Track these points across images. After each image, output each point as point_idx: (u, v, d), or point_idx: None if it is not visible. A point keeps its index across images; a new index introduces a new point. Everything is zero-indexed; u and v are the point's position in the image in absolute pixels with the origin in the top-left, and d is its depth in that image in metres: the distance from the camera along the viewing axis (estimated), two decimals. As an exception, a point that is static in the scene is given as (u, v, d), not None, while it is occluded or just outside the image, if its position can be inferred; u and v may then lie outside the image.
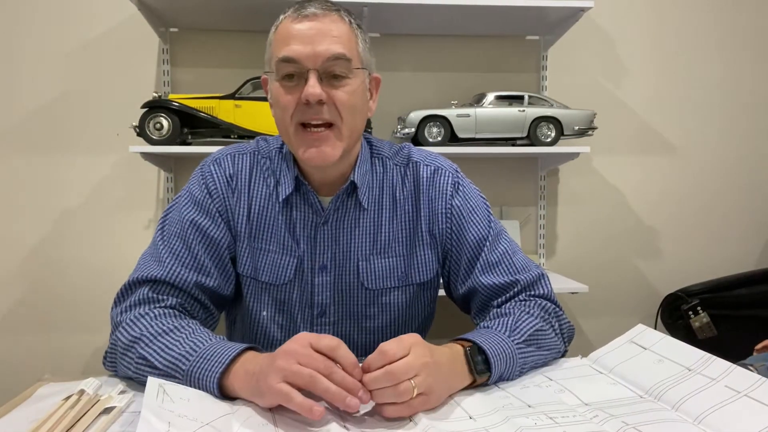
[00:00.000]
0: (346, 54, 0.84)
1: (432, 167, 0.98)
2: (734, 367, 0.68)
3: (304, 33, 0.84)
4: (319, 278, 0.95)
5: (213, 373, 0.70)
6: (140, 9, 1.70)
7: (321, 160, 0.86)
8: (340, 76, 0.85)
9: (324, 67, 0.84)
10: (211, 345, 0.74)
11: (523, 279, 0.93)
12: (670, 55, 2.13)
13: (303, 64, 0.83)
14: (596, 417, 0.63)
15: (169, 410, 0.61)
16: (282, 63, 0.85)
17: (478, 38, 2.05)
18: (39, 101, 1.89)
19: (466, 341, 0.78)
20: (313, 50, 0.83)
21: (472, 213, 0.96)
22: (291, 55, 0.83)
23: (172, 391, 0.66)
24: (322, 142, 0.86)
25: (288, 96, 0.85)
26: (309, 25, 0.84)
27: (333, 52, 0.83)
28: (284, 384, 0.63)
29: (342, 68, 0.85)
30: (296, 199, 0.95)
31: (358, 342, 0.99)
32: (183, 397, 0.66)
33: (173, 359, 0.73)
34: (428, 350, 0.69)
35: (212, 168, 0.95)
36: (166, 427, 0.57)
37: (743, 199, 2.19)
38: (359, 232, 0.95)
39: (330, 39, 0.84)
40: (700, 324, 1.90)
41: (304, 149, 0.86)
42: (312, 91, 0.82)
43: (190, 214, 0.92)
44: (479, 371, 0.74)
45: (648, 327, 0.83)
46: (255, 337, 0.99)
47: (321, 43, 0.83)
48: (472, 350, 0.76)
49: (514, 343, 0.79)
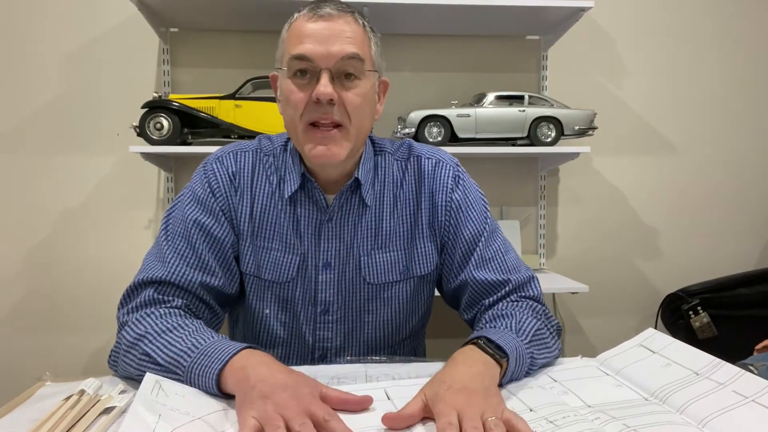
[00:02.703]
0: (359, 54, 0.85)
1: (434, 160, 0.99)
2: (743, 372, 0.67)
3: (318, 32, 0.84)
4: (322, 275, 0.95)
5: (212, 369, 0.69)
6: (140, 9, 1.70)
7: (327, 159, 0.87)
8: (352, 77, 0.86)
9: (337, 66, 0.84)
10: (212, 342, 0.74)
11: (515, 279, 0.93)
12: (670, 55, 2.13)
13: (316, 62, 0.84)
14: (598, 419, 0.63)
15: (162, 404, 0.61)
16: (295, 60, 0.85)
17: (478, 38, 2.05)
18: (39, 101, 1.89)
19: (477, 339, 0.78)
20: (327, 50, 0.84)
21: (471, 207, 0.97)
22: (305, 53, 0.84)
23: (167, 387, 0.66)
24: (330, 140, 0.86)
25: (299, 94, 0.86)
26: (324, 24, 0.85)
27: (347, 52, 0.84)
28: (254, 421, 0.60)
29: (355, 68, 0.86)
30: (301, 196, 0.95)
31: (360, 337, 0.99)
32: (178, 393, 0.66)
33: (175, 355, 0.73)
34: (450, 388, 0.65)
35: (215, 166, 0.96)
36: (155, 419, 0.57)
37: (743, 198, 2.19)
38: (362, 228, 0.96)
39: (344, 39, 0.85)
40: (701, 324, 1.90)
41: (311, 146, 0.87)
42: (323, 90, 0.83)
43: (194, 214, 0.92)
44: (499, 355, 0.73)
45: (657, 331, 0.82)
46: (258, 335, 1.00)
47: (335, 43, 0.84)
48: (485, 342, 0.75)
49: (522, 342, 0.79)
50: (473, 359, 0.72)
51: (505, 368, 0.73)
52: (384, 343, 1.01)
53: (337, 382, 0.75)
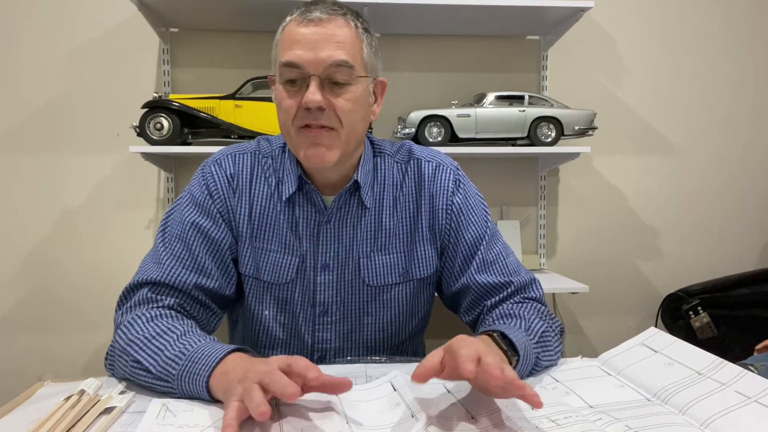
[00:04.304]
0: (348, 61, 0.85)
1: (434, 164, 0.99)
2: (745, 372, 0.67)
3: (308, 38, 0.84)
4: (321, 277, 0.95)
5: (201, 377, 0.69)
6: (140, 9, 1.70)
7: (319, 162, 0.87)
8: (342, 84, 0.85)
9: (326, 73, 0.84)
10: (200, 347, 0.73)
11: (517, 281, 0.94)
12: (670, 55, 2.13)
13: (305, 69, 0.84)
14: (600, 420, 0.63)
15: (170, 424, 0.61)
16: (285, 67, 0.85)
17: (478, 38, 2.05)
18: (39, 101, 1.89)
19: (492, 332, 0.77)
20: (315, 56, 0.83)
21: (471, 211, 0.98)
22: (294, 60, 0.84)
23: (174, 407, 0.67)
24: (321, 142, 0.86)
25: (290, 100, 0.86)
26: (313, 30, 0.84)
27: (335, 59, 0.84)
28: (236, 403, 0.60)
29: (344, 75, 0.85)
30: (299, 198, 0.95)
31: (360, 339, 0.99)
32: (186, 410, 0.66)
33: (164, 363, 0.73)
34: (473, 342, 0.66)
35: (213, 168, 0.96)
36: None
37: (743, 199, 2.19)
38: (361, 229, 0.96)
39: (333, 45, 0.84)
40: (701, 324, 1.90)
41: (304, 150, 0.87)
42: (312, 98, 0.83)
43: (191, 216, 0.92)
44: (510, 353, 0.73)
45: (660, 330, 0.82)
46: (257, 337, 0.99)
47: (324, 49, 0.83)
48: (500, 336, 0.75)
49: (531, 342, 0.79)
50: (491, 346, 0.72)
51: (513, 366, 0.73)
52: (383, 345, 1.01)
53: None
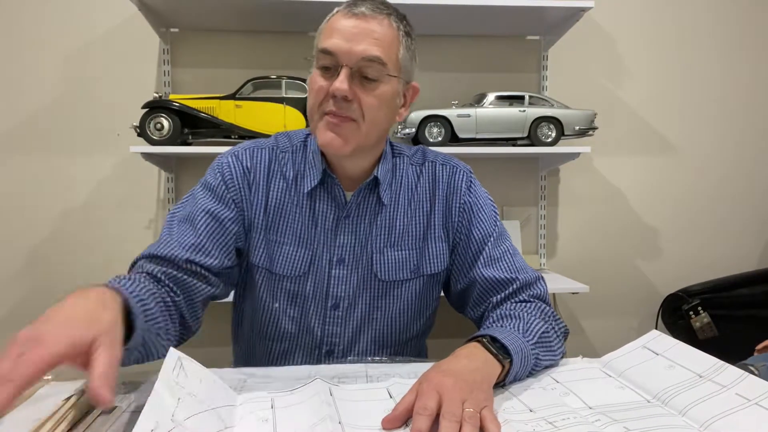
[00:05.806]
0: (381, 58, 0.86)
1: (449, 166, 1.03)
2: (746, 375, 0.66)
3: (348, 29, 0.86)
4: (336, 270, 0.97)
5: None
6: (141, 9, 1.70)
7: (333, 150, 0.89)
8: (372, 79, 0.87)
9: (358, 65, 0.86)
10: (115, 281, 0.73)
11: (522, 278, 0.95)
12: (670, 55, 2.13)
13: (338, 58, 0.86)
14: (598, 421, 0.63)
15: (182, 386, 0.62)
16: (321, 54, 0.88)
17: (478, 38, 2.05)
18: (39, 101, 1.89)
19: (482, 337, 0.77)
20: (350, 48, 0.85)
21: (482, 211, 1.01)
22: (330, 48, 0.86)
23: (188, 366, 0.66)
24: (339, 131, 0.88)
25: (320, 85, 0.88)
26: (355, 23, 0.87)
27: (369, 53, 0.86)
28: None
29: (375, 72, 0.87)
30: (320, 192, 0.97)
31: (368, 334, 1.00)
32: (197, 376, 0.66)
33: None
34: (442, 371, 0.66)
35: (229, 159, 0.97)
36: (174, 404, 0.58)
37: (743, 199, 2.19)
38: (377, 226, 0.98)
39: (370, 40, 0.86)
40: (701, 324, 1.90)
41: (322, 135, 0.89)
42: (339, 86, 0.85)
43: (203, 201, 0.93)
44: (501, 356, 0.73)
45: (662, 333, 0.82)
46: (265, 329, 1.00)
47: (360, 42, 0.86)
48: (489, 340, 0.75)
49: (528, 343, 0.79)
50: (474, 355, 0.73)
51: (508, 369, 0.73)
52: (391, 340, 1.01)
53: (337, 382, 0.75)
